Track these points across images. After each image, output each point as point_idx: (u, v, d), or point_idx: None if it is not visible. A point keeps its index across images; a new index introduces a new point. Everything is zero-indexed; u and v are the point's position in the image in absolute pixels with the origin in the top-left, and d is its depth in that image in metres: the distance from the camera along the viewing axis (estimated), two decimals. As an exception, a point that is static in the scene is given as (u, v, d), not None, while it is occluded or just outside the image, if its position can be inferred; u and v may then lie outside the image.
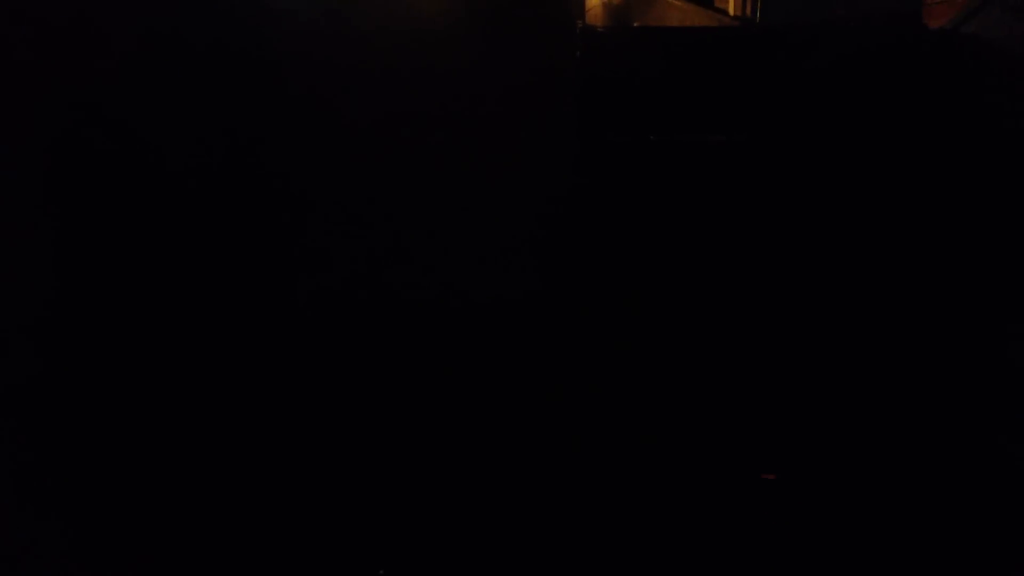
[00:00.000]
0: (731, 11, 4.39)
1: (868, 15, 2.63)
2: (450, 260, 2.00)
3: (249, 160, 1.99)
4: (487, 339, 2.02)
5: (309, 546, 1.81)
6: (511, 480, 1.94)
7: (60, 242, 1.87)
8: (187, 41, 1.93)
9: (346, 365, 2.02)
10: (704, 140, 2.13)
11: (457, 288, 2.00)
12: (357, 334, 2.01)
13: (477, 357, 2.02)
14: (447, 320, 2.01)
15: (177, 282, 1.95)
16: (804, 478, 1.93)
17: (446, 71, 1.96)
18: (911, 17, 2.53)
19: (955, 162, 2.21)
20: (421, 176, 1.99)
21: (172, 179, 1.95)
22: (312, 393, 2.00)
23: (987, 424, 2.03)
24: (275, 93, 1.98)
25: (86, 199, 1.89)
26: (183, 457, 1.91)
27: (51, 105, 1.84)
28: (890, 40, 2.29)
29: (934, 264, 2.18)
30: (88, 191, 1.89)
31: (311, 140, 1.98)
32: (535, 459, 1.99)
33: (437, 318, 2.01)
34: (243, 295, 1.99)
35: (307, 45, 1.96)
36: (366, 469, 1.97)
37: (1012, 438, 1.99)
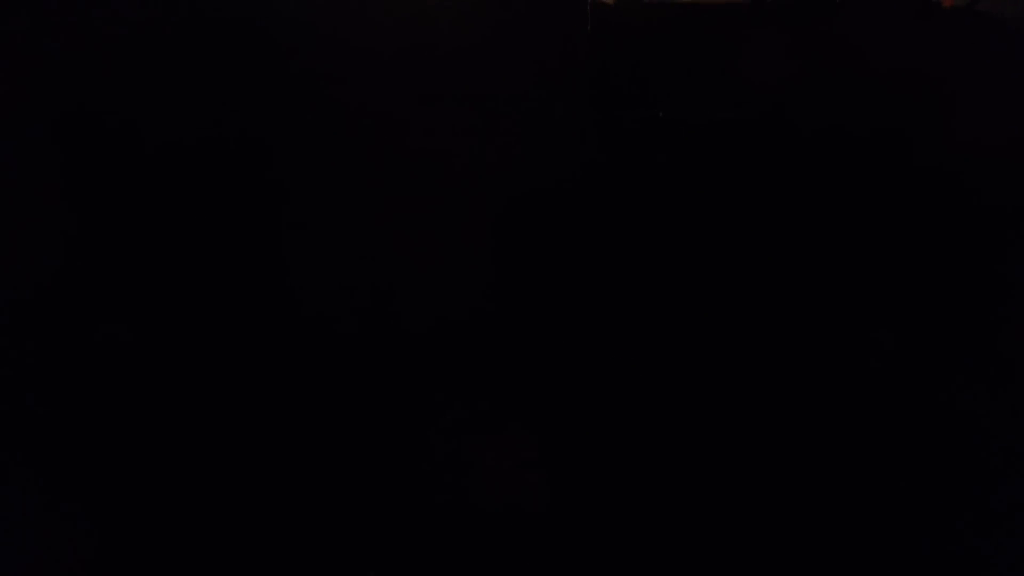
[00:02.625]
0: (745, -15, 4.34)
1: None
2: (451, 247, 1.99)
3: (239, 143, 1.95)
4: (497, 331, 1.99)
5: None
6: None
7: (55, 234, 1.86)
8: (178, 14, 1.91)
9: (345, 368, 1.96)
10: (719, 118, 2.12)
11: (459, 277, 1.98)
12: (356, 339, 1.97)
13: (481, 348, 1.99)
14: (448, 314, 1.98)
15: (164, 274, 1.92)
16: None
17: (449, 48, 1.94)
18: (924, -6, 2.50)
19: (977, 142, 2.17)
20: (422, 158, 1.97)
21: (157, 166, 1.91)
22: (306, 390, 1.95)
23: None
24: (268, 71, 1.94)
25: (80, 189, 1.88)
26: (159, 463, 1.87)
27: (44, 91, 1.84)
28: (904, 17, 2.26)
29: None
30: (81, 180, 1.88)
31: (304, 113, 1.95)
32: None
33: (438, 314, 1.97)
34: (232, 288, 1.96)
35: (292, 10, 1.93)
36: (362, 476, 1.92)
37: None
